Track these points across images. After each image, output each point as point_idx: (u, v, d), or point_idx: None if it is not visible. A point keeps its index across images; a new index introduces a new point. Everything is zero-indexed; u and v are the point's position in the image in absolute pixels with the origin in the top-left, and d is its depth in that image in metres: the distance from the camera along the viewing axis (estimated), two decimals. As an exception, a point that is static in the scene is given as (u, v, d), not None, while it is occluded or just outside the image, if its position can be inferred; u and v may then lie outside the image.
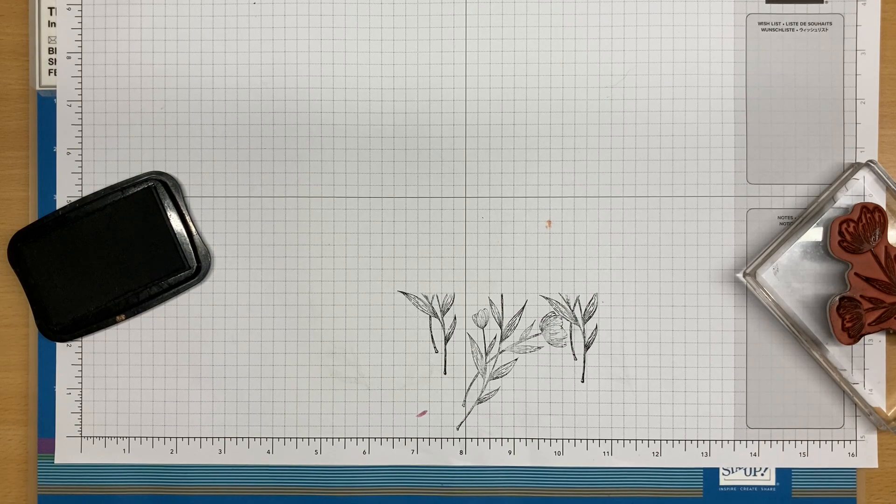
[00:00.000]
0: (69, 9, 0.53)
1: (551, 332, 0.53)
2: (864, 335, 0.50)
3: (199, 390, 0.53)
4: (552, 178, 0.53)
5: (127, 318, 0.53)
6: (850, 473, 0.53)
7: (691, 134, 0.53)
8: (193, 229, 0.53)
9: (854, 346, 0.52)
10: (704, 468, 0.53)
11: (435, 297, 0.53)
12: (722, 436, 0.52)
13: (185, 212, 0.53)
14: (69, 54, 0.53)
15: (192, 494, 0.53)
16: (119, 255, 0.53)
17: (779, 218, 0.53)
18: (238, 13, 0.53)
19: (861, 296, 0.50)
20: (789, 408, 0.52)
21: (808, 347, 0.51)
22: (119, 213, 0.53)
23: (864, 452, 0.53)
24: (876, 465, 0.53)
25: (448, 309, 0.53)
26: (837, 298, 0.50)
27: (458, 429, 0.53)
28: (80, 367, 0.53)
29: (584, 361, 0.53)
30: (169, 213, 0.53)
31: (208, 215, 0.53)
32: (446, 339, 0.53)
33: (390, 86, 0.53)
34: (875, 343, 0.52)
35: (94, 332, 0.53)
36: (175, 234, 0.53)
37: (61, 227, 0.53)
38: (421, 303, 0.53)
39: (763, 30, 0.53)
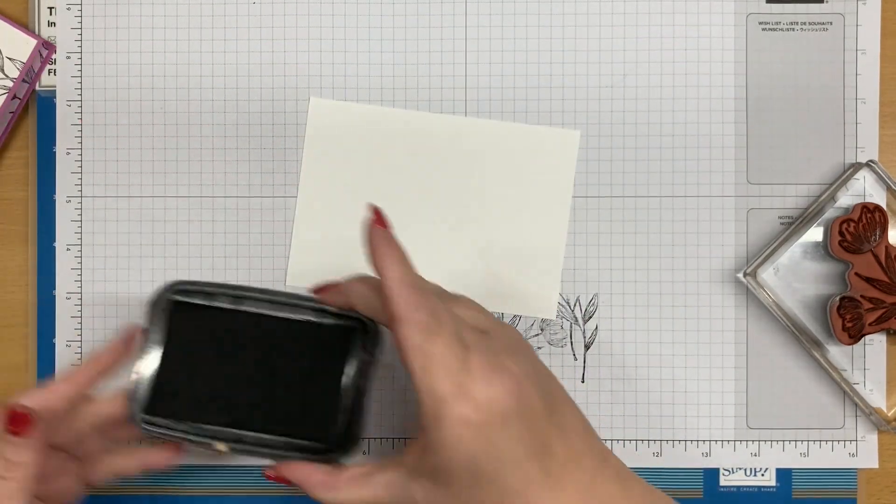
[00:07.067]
0: (69, 9, 0.53)
1: (551, 332, 0.53)
2: (864, 335, 0.50)
3: (199, 390, 0.53)
4: (552, 178, 0.53)
5: (225, 452, 0.44)
6: (851, 474, 0.53)
7: (691, 134, 0.53)
8: (365, 402, 0.44)
9: (854, 346, 0.52)
10: (704, 468, 0.53)
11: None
12: (722, 436, 0.52)
13: (369, 376, 0.44)
14: (69, 54, 0.53)
15: (192, 494, 0.53)
16: (260, 383, 0.44)
17: (779, 218, 0.53)
18: (238, 13, 0.53)
19: (861, 296, 0.50)
20: (790, 408, 0.52)
21: (809, 347, 0.51)
22: (297, 339, 0.44)
23: (864, 453, 0.52)
24: (876, 466, 0.53)
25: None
26: (838, 298, 0.50)
27: (458, 429, 0.53)
28: (79, 368, 0.53)
29: (585, 361, 0.53)
30: (348, 369, 0.44)
31: (207, 215, 0.53)
32: (446, 340, 0.52)
33: (390, 86, 0.53)
34: (875, 343, 0.52)
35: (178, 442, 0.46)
36: (342, 395, 0.44)
37: (229, 312, 0.44)
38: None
39: (763, 30, 0.53)
